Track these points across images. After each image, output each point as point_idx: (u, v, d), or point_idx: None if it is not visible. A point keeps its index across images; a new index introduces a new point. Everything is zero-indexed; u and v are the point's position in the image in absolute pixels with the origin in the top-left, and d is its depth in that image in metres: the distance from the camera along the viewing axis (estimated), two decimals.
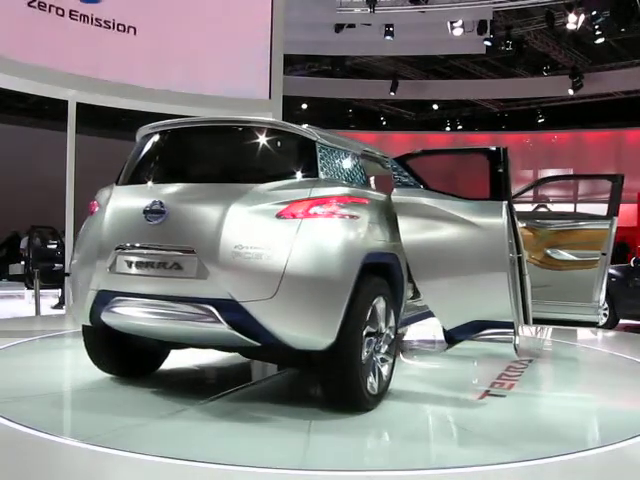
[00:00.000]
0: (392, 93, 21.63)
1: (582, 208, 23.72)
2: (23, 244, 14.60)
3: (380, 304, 4.30)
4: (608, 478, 3.32)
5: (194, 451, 3.33)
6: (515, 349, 4.67)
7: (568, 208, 20.51)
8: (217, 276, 3.81)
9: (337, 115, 22.96)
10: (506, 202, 4.59)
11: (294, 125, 4.35)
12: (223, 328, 3.77)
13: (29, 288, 11.68)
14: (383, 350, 4.37)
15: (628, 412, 4.59)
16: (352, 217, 4.09)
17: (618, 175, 6.44)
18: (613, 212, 6.17)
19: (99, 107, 11.12)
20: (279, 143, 4.38)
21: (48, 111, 19.60)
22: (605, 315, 10.42)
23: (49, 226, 12.28)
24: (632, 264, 10.66)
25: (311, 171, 4.20)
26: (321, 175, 4.20)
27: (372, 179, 5.48)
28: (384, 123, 25.54)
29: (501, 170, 4.60)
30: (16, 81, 9.03)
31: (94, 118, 16.02)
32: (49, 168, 13.91)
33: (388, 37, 16.42)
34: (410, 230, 4.54)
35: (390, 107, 25.29)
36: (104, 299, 4.16)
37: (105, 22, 9.54)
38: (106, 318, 4.17)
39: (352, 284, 3.97)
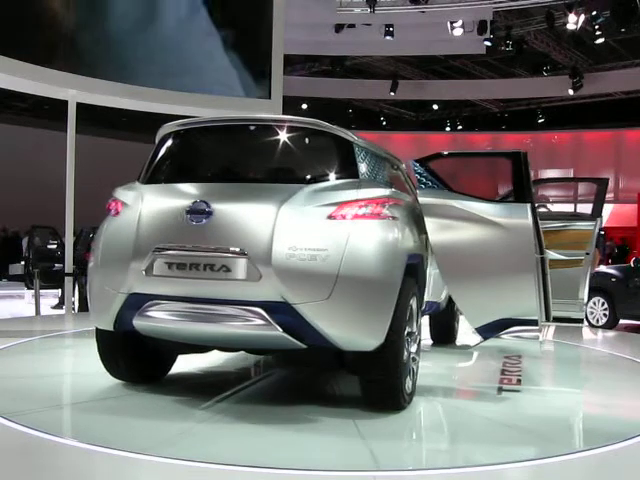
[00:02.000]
0: (392, 93, 21.65)
1: (582, 208, 23.68)
2: (25, 244, 14.61)
3: (414, 304, 4.34)
4: (608, 478, 3.32)
5: (253, 457, 3.26)
6: (540, 345, 4.77)
7: (568, 208, 20.50)
8: (269, 278, 3.71)
9: (337, 115, 22.96)
10: (530, 204, 4.65)
11: (332, 125, 4.32)
12: (274, 331, 3.69)
13: (29, 288, 11.67)
14: (413, 349, 4.38)
15: (629, 411, 4.60)
16: (394, 218, 4.11)
17: (603, 178, 6.68)
18: (597, 213, 6.37)
19: (99, 107, 11.13)
20: (320, 143, 4.36)
21: (48, 111, 19.61)
22: (605, 315, 10.45)
23: (49, 226, 12.27)
24: (632, 264, 10.67)
25: (352, 172, 4.19)
26: (360, 176, 4.22)
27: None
28: (384, 123, 25.56)
29: (524, 173, 4.66)
30: (16, 81, 9.03)
31: (93, 118, 16.03)
32: (49, 168, 13.92)
33: (388, 37, 16.44)
34: (439, 231, 4.58)
35: (390, 107, 25.31)
36: (136, 303, 3.96)
37: None
38: (139, 322, 3.96)
39: (399, 285, 4.01)
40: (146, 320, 3.94)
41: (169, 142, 4.55)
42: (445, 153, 5.03)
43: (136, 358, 4.51)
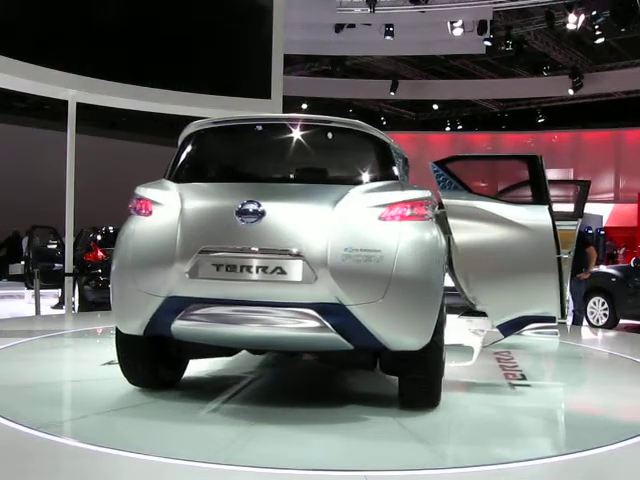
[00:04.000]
0: (392, 93, 21.67)
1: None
2: (25, 244, 14.63)
3: (445, 302, 4.42)
4: (608, 478, 3.32)
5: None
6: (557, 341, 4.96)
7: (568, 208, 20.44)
8: (325, 279, 3.66)
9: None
10: (548, 206, 4.78)
11: (371, 126, 4.35)
12: (327, 332, 3.66)
13: (29, 288, 11.67)
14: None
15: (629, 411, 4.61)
16: (431, 219, 4.14)
17: (586, 181, 6.90)
18: (579, 214, 6.55)
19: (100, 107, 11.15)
20: (360, 144, 4.38)
21: (48, 111, 19.62)
22: (605, 315, 10.47)
23: (49, 226, 12.29)
24: (632, 264, 10.68)
25: (391, 173, 4.25)
26: (399, 177, 4.28)
27: None
28: (384, 123, 25.55)
29: (542, 176, 4.83)
30: (16, 81, 9.04)
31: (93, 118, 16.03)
32: (49, 168, 13.93)
33: (388, 37, 16.44)
34: (464, 231, 4.68)
35: (390, 107, 25.33)
36: (175, 306, 3.80)
37: None
38: (180, 326, 3.80)
39: (443, 284, 4.08)
40: (190, 324, 3.79)
41: (203, 140, 4.45)
42: (462, 156, 5.15)
43: (155, 363, 4.35)
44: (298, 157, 4.39)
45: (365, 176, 4.20)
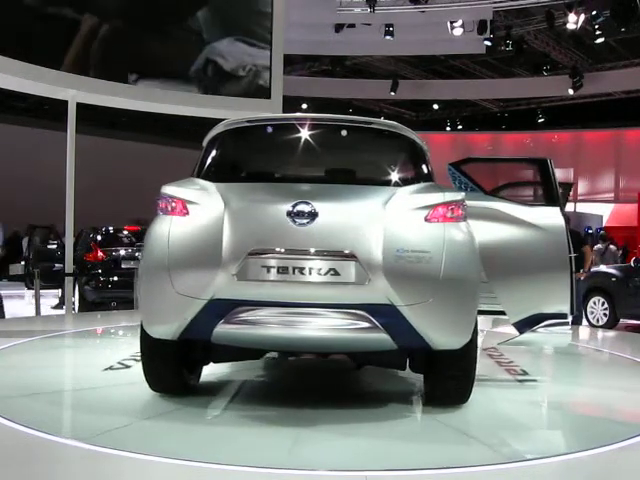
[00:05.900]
0: (392, 93, 21.66)
1: (581, 207, 23.78)
2: (25, 244, 14.66)
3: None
4: (608, 478, 3.32)
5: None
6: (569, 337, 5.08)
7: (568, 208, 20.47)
8: (378, 280, 3.68)
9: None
10: (559, 207, 4.90)
11: (409, 129, 4.41)
12: (379, 333, 3.69)
13: (29, 288, 11.69)
14: None
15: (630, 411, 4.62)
16: (466, 220, 4.16)
17: (569, 183, 7.08)
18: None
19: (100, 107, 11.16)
20: (397, 146, 4.45)
21: (48, 111, 19.62)
22: (605, 315, 10.48)
23: (49, 226, 12.31)
24: (632, 264, 10.68)
25: (428, 175, 4.32)
26: (434, 180, 4.33)
27: None
28: None
29: (553, 178, 4.93)
30: (16, 81, 9.05)
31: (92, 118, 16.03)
32: (49, 168, 13.94)
33: (388, 37, 16.45)
34: (483, 231, 4.71)
35: (390, 107, 25.32)
36: (219, 309, 3.71)
37: None
38: (224, 329, 3.72)
39: (480, 283, 4.15)
40: (236, 327, 3.72)
41: (238, 138, 4.42)
42: (476, 158, 5.24)
43: (180, 368, 4.25)
44: (340, 158, 4.44)
45: (407, 178, 4.24)
